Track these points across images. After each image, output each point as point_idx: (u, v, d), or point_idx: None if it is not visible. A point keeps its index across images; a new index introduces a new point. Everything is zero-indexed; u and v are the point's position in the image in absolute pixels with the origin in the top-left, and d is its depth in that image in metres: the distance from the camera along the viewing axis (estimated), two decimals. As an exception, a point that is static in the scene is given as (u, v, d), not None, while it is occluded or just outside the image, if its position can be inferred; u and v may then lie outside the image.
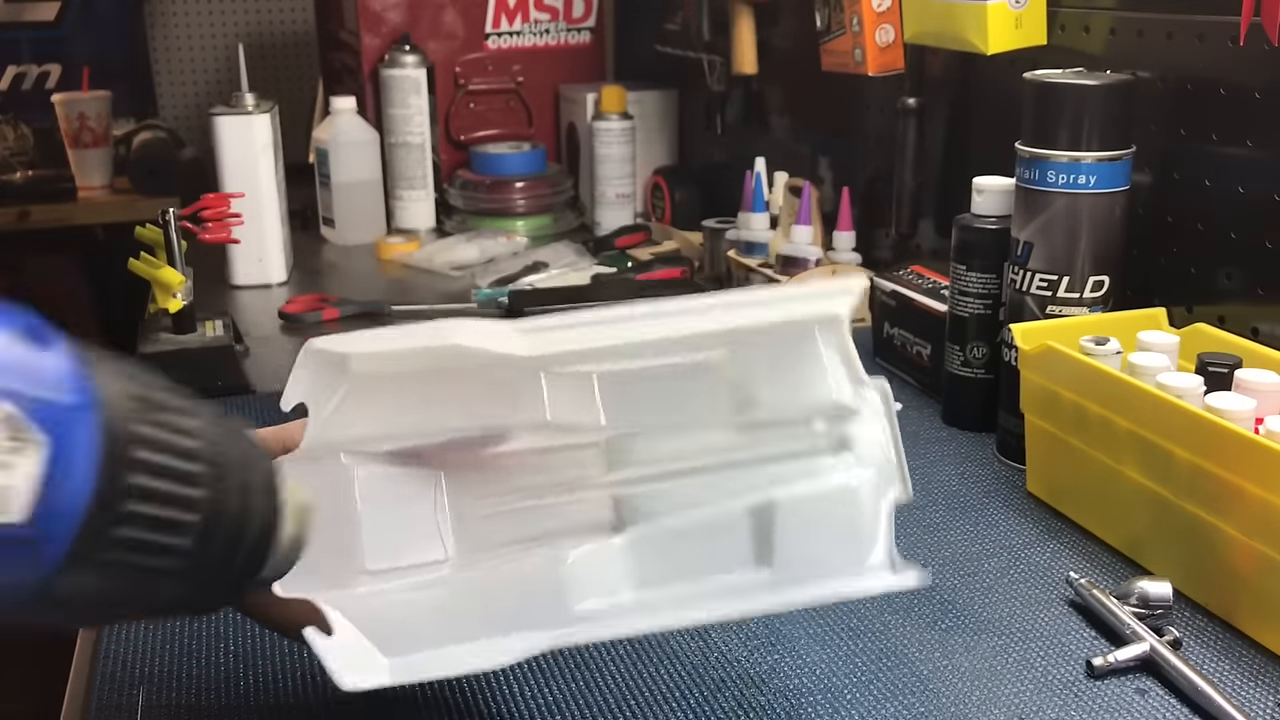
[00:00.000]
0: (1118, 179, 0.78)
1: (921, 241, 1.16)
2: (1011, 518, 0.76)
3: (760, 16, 1.34)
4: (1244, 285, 0.81)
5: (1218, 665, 0.60)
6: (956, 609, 0.66)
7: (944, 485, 0.81)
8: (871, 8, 1.07)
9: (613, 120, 1.49)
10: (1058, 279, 0.80)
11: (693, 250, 1.36)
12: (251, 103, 1.34)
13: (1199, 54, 0.82)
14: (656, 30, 1.58)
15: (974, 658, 0.61)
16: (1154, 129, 0.85)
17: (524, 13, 1.62)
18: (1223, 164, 0.81)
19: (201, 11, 1.97)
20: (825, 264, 1.13)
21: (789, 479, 0.50)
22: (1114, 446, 0.69)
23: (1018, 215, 0.82)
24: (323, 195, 1.51)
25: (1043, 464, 0.78)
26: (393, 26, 1.56)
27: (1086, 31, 0.92)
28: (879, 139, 1.22)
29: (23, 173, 1.94)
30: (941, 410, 0.92)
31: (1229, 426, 0.61)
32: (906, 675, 0.60)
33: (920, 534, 0.74)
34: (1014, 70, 0.88)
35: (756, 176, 1.21)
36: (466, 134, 1.61)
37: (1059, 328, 0.77)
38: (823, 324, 0.51)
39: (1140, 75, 0.84)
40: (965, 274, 0.87)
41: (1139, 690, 0.58)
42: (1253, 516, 0.60)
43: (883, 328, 1.03)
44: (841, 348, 0.51)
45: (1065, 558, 0.71)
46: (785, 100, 1.39)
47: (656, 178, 1.53)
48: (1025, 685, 0.59)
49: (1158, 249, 0.87)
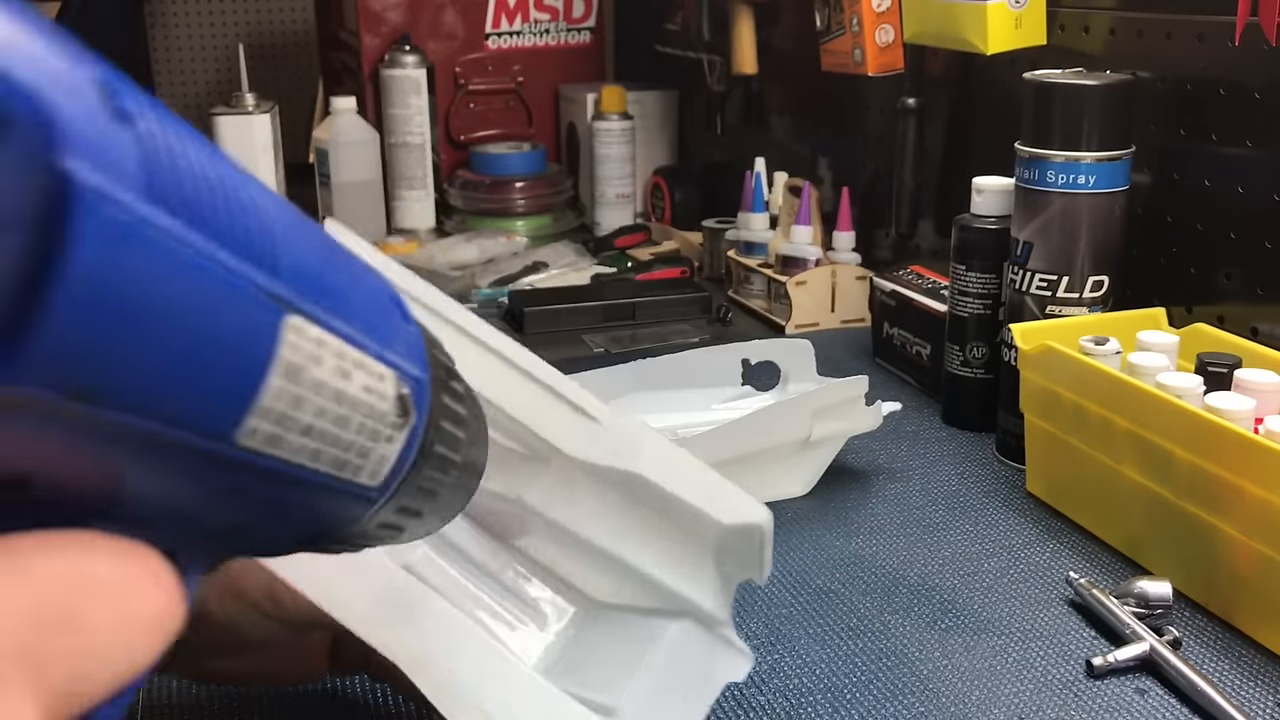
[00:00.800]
0: (1117, 179, 0.78)
1: (921, 241, 1.16)
2: (1011, 518, 0.76)
3: (760, 16, 1.34)
4: (1243, 285, 0.81)
5: (1217, 665, 0.60)
6: (956, 609, 0.66)
7: (944, 485, 0.81)
8: (871, 8, 1.07)
9: (613, 120, 1.49)
10: (1057, 279, 0.80)
11: (693, 250, 1.36)
12: (251, 103, 1.34)
13: (1198, 54, 0.82)
14: (656, 30, 1.58)
15: (974, 658, 0.61)
16: (1153, 129, 0.85)
17: (524, 13, 1.62)
18: (1222, 164, 0.81)
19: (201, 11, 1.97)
20: (825, 264, 1.13)
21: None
22: (1113, 446, 0.69)
23: (1017, 215, 0.82)
24: (323, 195, 1.51)
25: (1042, 464, 0.78)
26: (393, 26, 1.56)
27: (1086, 31, 0.92)
28: (879, 139, 1.22)
29: (22, 173, 1.94)
30: (941, 410, 0.93)
31: (1228, 426, 0.61)
32: (906, 675, 0.60)
33: (920, 534, 0.74)
34: (1014, 70, 0.88)
35: (756, 176, 1.21)
36: (466, 134, 1.61)
37: (1058, 328, 0.77)
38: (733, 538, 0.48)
39: (1140, 75, 0.84)
40: (965, 274, 0.87)
41: (1139, 690, 0.58)
42: (1252, 516, 0.60)
43: (882, 328, 1.03)
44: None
45: (1065, 558, 0.71)
46: (785, 100, 1.39)
47: (656, 178, 1.53)
48: (1025, 685, 0.59)
49: (1157, 249, 0.87)
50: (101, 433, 0.17)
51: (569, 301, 1.17)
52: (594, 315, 1.15)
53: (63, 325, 0.15)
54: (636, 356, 0.88)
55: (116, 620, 0.18)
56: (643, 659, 0.48)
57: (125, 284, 0.16)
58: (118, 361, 0.17)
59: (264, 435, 0.20)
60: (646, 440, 0.48)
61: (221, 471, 0.20)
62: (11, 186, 0.14)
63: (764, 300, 1.18)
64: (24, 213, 0.14)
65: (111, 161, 0.16)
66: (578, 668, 0.49)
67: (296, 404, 0.21)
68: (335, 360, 0.22)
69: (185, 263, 0.17)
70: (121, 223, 0.16)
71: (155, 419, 0.18)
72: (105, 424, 0.17)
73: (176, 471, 0.19)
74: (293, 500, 0.23)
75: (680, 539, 0.48)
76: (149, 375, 0.17)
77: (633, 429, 0.48)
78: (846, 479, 0.81)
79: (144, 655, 0.19)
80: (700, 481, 0.47)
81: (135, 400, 0.17)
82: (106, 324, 0.16)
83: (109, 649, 0.18)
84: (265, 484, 0.22)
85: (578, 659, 0.50)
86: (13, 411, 0.16)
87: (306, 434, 0.22)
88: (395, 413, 0.25)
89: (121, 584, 0.18)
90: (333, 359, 0.22)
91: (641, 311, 1.16)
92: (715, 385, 0.86)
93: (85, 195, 0.15)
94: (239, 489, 0.21)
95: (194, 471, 0.20)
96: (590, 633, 0.51)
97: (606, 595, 0.51)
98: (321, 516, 0.25)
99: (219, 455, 0.20)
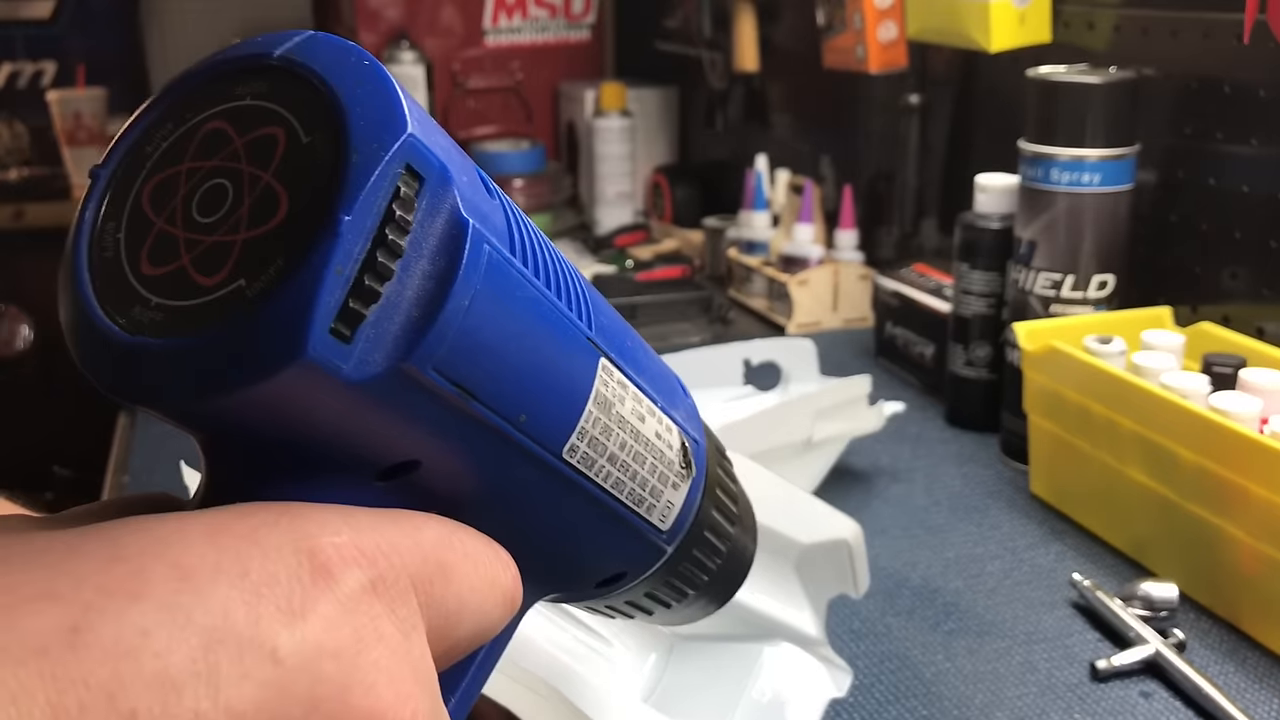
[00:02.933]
0: (1122, 177, 0.78)
1: (924, 240, 1.16)
2: (1015, 519, 0.76)
3: (761, 13, 1.34)
4: (1249, 284, 0.81)
5: (1223, 668, 0.60)
6: (960, 611, 0.65)
7: (947, 486, 0.80)
8: (874, 4, 1.06)
9: (612, 118, 1.49)
10: (1062, 278, 0.79)
11: (693, 249, 1.35)
12: (250, 100, 1.33)
13: (1204, 51, 0.82)
14: (657, 27, 1.58)
15: (977, 660, 0.61)
16: (1158, 127, 0.85)
17: (523, 9, 1.61)
18: (1228, 162, 0.81)
19: (197, 8, 1.97)
20: (827, 263, 1.13)
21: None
22: (1118, 447, 0.69)
23: (1021, 214, 0.81)
24: (321, 193, 1.51)
25: (1046, 465, 0.77)
26: (390, 23, 1.55)
27: (1090, 28, 0.92)
28: (881, 137, 1.22)
29: (17, 171, 1.93)
30: (945, 411, 0.92)
31: (1234, 427, 0.61)
32: (910, 678, 0.59)
33: (924, 535, 0.74)
34: (1017, 67, 0.87)
35: (758, 174, 1.20)
36: (465, 132, 1.60)
37: (1063, 327, 0.77)
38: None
39: (1144, 73, 0.84)
40: (968, 273, 0.87)
41: (1143, 693, 0.58)
42: (1258, 518, 0.60)
43: (885, 327, 1.02)
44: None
45: (1069, 559, 0.71)
46: (787, 98, 1.38)
47: (657, 176, 1.52)
48: (1029, 688, 0.58)
49: (1162, 248, 0.87)
50: (475, 430, 0.23)
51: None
52: (594, 314, 1.15)
53: (454, 322, 0.21)
54: (637, 356, 0.87)
55: (478, 582, 0.23)
56: (743, 688, 0.48)
57: (495, 304, 0.22)
58: (490, 364, 0.22)
59: (582, 455, 0.26)
60: None
61: (551, 484, 0.25)
62: (430, 226, 0.21)
63: (765, 299, 1.17)
64: (436, 244, 0.21)
65: (487, 218, 0.22)
66: (677, 703, 0.49)
67: (606, 432, 0.26)
68: (634, 403, 0.27)
69: (534, 299, 0.24)
70: (495, 259, 0.22)
71: (513, 425, 0.24)
72: (479, 421, 0.23)
73: (519, 480, 0.25)
74: (601, 528, 0.28)
75: (766, 563, 0.47)
76: (510, 383, 0.23)
77: None
78: (849, 480, 0.81)
79: (497, 620, 0.24)
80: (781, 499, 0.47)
81: (500, 403, 0.23)
82: (483, 332, 0.22)
83: (471, 604, 0.23)
84: (581, 506, 0.27)
85: (675, 693, 0.49)
86: (420, 395, 0.21)
87: (612, 462, 0.27)
88: (680, 462, 0.30)
89: (483, 556, 0.24)
90: (632, 401, 0.27)
91: (642, 311, 1.15)
92: (716, 385, 0.85)
93: (474, 235, 0.21)
94: (561, 507, 0.26)
95: (531, 482, 0.25)
96: (684, 665, 0.50)
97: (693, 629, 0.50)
98: (621, 552, 0.29)
99: (550, 466, 0.25)
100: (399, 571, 0.21)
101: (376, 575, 0.21)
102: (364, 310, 0.20)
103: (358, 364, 0.20)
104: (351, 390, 0.20)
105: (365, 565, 0.21)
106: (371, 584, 0.21)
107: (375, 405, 0.21)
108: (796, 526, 0.46)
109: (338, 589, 0.20)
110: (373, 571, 0.21)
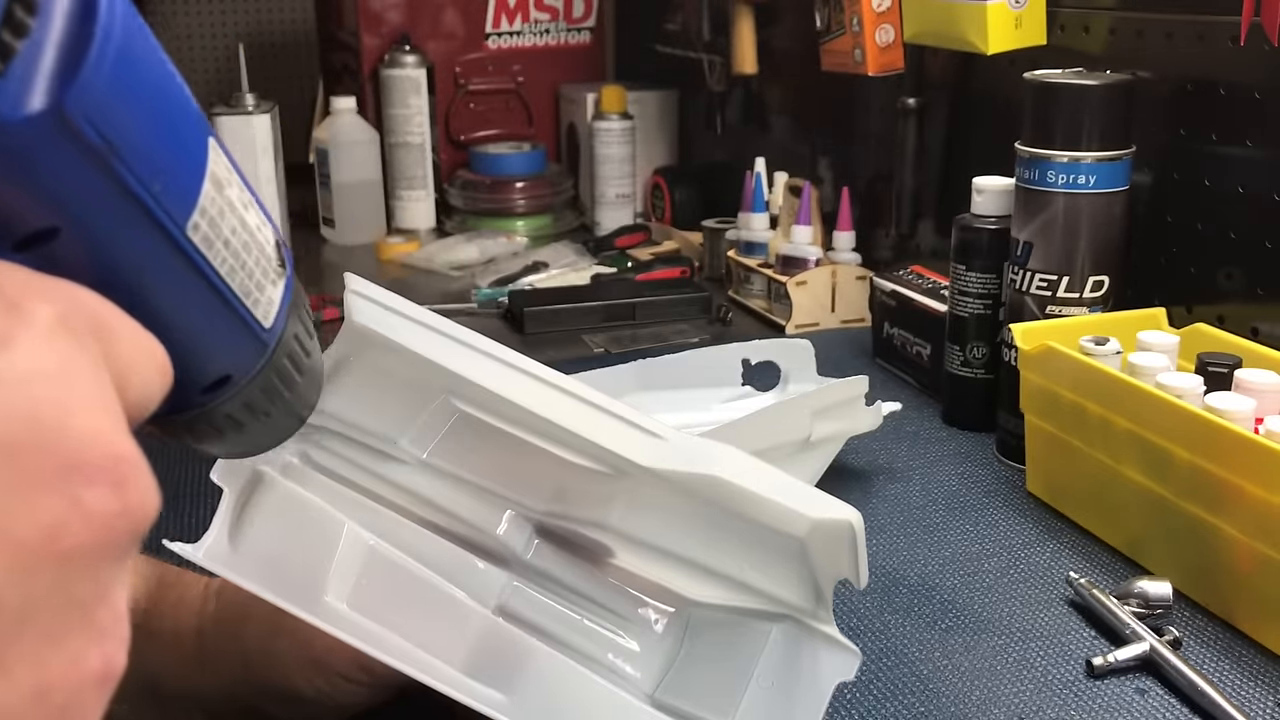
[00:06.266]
0: (1117, 179, 0.78)
1: (921, 241, 1.16)
2: (1011, 518, 0.76)
3: (760, 16, 1.34)
4: (1244, 285, 0.81)
5: (1218, 665, 0.60)
6: (956, 609, 0.66)
7: (944, 485, 0.81)
8: (871, 8, 1.07)
9: (613, 120, 1.49)
10: (1057, 279, 0.80)
11: (693, 250, 1.36)
12: (251, 103, 1.34)
13: (1199, 54, 0.82)
14: (656, 30, 1.58)
15: (974, 657, 0.61)
16: (1154, 129, 0.85)
17: (524, 13, 1.62)
18: (1222, 164, 0.81)
19: (201, 11, 1.97)
20: (825, 264, 1.13)
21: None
22: (1114, 446, 0.69)
23: (1018, 215, 0.82)
24: (323, 195, 1.51)
25: (1042, 464, 0.78)
26: (393, 26, 1.55)
27: (1086, 31, 0.92)
28: (879, 139, 1.22)
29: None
30: (941, 410, 0.92)
31: (1229, 426, 0.61)
32: (906, 675, 0.60)
33: (920, 534, 0.74)
34: (1014, 70, 0.88)
35: (756, 176, 1.21)
36: (466, 134, 1.60)
37: (1059, 328, 0.77)
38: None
39: (1140, 75, 0.84)
40: (965, 274, 0.87)
41: (1139, 690, 0.58)
42: (1252, 516, 0.60)
43: (882, 328, 1.03)
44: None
45: (1065, 558, 0.71)
46: (785, 100, 1.39)
47: (656, 178, 1.53)
48: (1025, 685, 0.59)
49: (1157, 249, 0.87)
50: (114, 195, 0.24)
51: (569, 301, 1.17)
52: (594, 315, 1.15)
53: (103, 67, 0.22)
54: (636, 356, 0.88)
55: (139, 349, 0.24)
56: (751, 669, 0.49)
57: (133, 58, 0.23)
58: (132, 120, 0.23)
59: (203, 235, 0.27)
60: (716, 449, 0.48)
61: (174, 264, 0.26)
62: None
63: (764, 300, 1.18)
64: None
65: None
66: (687, 684, 0.49)
67: (220, 214, 0.27)
68: (239, 191, 0.29)
69: (162, 60, 0.25)
70: (126, 6, 0.23)
71: (147, 191, 0.24)
72: (119, 183, 0.23)
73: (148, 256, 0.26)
74: (215, 320, 0.29)
75: (769, 539, 0.48)
76: (147, 145, 0.24)
77: (700, 441, 0.48)
78: (847, 479, 0.81)
79: (156, 392, 0.24)
80: (781, 483, 0.47)
81: (138, 165, 0.24)
82: (126, 82, 0.23)
83: (137, 367, 0.23)
84: (200, 294, 0.28)
85: (686, 674, 0.50)
86: (68, 150, 0.22)
87: (226, 247, 0.28)
88: (277, 259, 0.31)
89: (137, 325, 0.24)
90: (238, 189, 0.29)
91: (641, 311, 1.16)
92: (715, 385, 0.85)
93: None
94: (183, 292, 0.27)
95: (159, 261, 0.26)
96: (696, 644, 0.51)
97: (703, 595, 0.51)
98: (231, 349, 0.30)
99: (176, 243, 0.26)
100: (79, 313, 0.22)
101: (63, 312, 0.21)
102: (15, 43, 0.20)
103: (13, 103, 0.21)
104: (4, 134, 0.21)
105: (51, 301, 0.21)
106: (60, 319, 0.21)
107: (25, 154, 0.21)
108: (804, 504, 0.46)
109: (33, 321, 0.21)
110: (60, 308, 0.21)
